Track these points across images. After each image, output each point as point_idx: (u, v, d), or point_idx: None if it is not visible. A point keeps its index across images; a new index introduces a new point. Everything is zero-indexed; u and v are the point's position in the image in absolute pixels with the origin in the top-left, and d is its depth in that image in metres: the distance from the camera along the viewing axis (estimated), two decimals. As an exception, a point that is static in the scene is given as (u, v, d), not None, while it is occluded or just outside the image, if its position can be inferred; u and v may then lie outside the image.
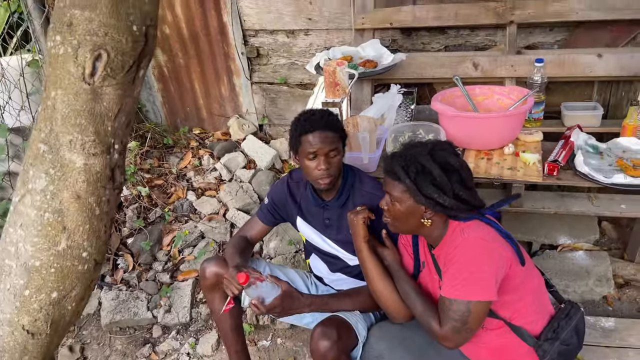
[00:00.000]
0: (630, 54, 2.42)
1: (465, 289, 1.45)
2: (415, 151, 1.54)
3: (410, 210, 1.54)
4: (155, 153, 3.33)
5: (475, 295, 1.44)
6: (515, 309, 1.56)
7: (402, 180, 1.50)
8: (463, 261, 1.47)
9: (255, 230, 2.13)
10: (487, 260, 1.46)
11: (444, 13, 2.64)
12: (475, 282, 1.45)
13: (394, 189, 1.54)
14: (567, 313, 1.65)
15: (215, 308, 2.10)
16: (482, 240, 1.48)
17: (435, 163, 1.50)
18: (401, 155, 1.55)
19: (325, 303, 1.83)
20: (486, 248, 1.47)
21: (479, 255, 1.46)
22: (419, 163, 1.50)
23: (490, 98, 2.40)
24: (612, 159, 2.08)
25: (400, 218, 1.58)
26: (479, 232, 1.50)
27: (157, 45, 3.39)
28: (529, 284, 1.58)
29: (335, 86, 2.17)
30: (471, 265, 1.45)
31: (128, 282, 2.85)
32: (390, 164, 1.55)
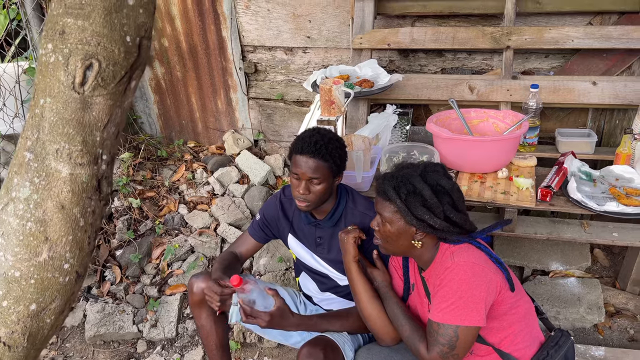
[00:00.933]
0: (624, 82, 2.44)
1: (453, 314, 1.43)
2: (407, 172, 1.54)
3: (400, 231, 1.53)
4: (149, 165, 3.31)
5: (463, 320, 1.42)
6: (504, 335, 1.54)
7: (393, 200, 1.50)
8: (452, 285, 1.45)
9: (245, 247, 2.11)
10: (476, 285, 1.44)
11: (442, 36, 2.65)
12: (464, 306, 1.43)
13: (384, 210, 1.53)
14: (556, 341, 1.63)
15: (202, 324, 2.07)
16: (473, 265, 1.46)
17: (427, 184, 1.50)
18: (393, 175, 1.54)
19: (314, 323, 1.80)
20: (476, 272, 1.45)
21: (468, 279, 1.44)
22: (410, 184, 1.50)
23: (486, 122, 2.41)
24: (605, 186, 2.08)
25: (390, 239, 1.56)
26: (470, 256, 1.49)
27: (155, 57, 3.40)
28: (519, 310, 1.56)
29: (331, 104, 2.17)
30: (460, 290, 1.44)
31: (115, 294, 2.80)
32: (382, 184, 1.54)
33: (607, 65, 2.63)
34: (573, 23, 2.65)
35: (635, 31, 2.42)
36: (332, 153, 1.76)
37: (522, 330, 1.57)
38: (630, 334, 2.48)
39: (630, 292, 2.61)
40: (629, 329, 2.50)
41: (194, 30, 3.24)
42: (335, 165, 1.78)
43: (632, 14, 2.55)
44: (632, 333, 2.48)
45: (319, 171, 1.74)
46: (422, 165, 1.57)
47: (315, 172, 1.74)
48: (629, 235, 2.08)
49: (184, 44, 3.30)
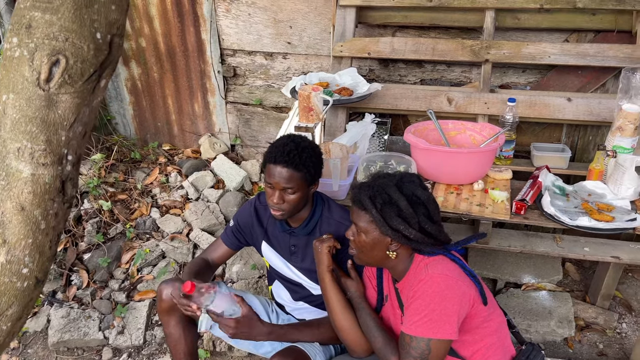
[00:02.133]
0: (599, 100, 2.48)
1: (426, 326, 1.41)
2: (383, 182, 1.52)
3: (375, 241, 1.51)
4: (122, 167, 3.24)
5: (436, 334, 1.41)
6: (476, 349, 1.53)
7: (369, 210, 1.48)
8: (426, 297, 1.43)
9: (218, 253, 2.06)
10: (450, 298, 1.42)
11: (422, 47, 2.66)
12: (437, 319, 1.41)
13: (360, 219, 1.51)
14: (527, 355, 1.64)
15: (170, 331, 2.02)
16: (446, 277, 1.45)
17: (403, 195, 1.48)
18: (369, 185, 1.53)
19: (285, 333, 1.77)
20: (450, 285, 1.44)
21: (442, 292, 1.43)
22: (386, 194, 1.48)
23: (463, 133, 2.41)
24: (577, 201, 2.10)
25: (365, 249, 1.54)
26: (443, 268, 1.47)
27: (132, 57, 3.33)
28: (491, 324, 1.55)
29: (310, 111, 2.15)
30: (434, 303, 1.42)
31: (81, 299, 2.72)
32: (358, 194, 1.52)
33: (582, 82, 2.67)
34: (550, 39, 2.69)
35: (610, 49, 2.46)
36: (306, 162, 1.72)
37: (494, 344, 1.56)
38: (600, 348, 2.50)
39: (600, 307, 2.65)
40: (598, 343, 2.53)
41: (172, 32, 3.19)
42: (310, 174, 1.75)
43: (607, 32, 2.60)
44: (601, 347, 2.51)
45: (293, 181, 1.71)
46: (398, 175, 1.55)
47: (288, 182, 1.71)
48: (599, 250, 2.10)
49: (162, 45, 3.25)
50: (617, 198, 2.08)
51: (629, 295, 2.77)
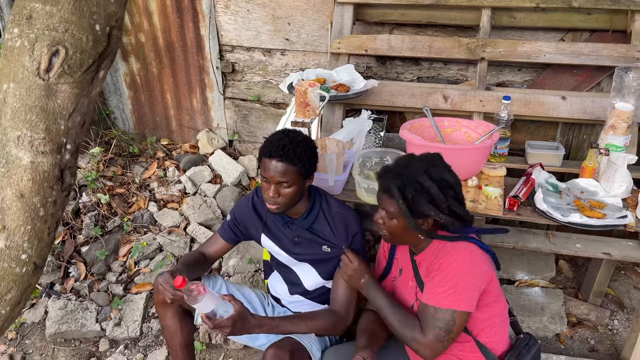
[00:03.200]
0: (593, 98, 2.51)
1: (451, 298, 1.45)
2: (412, 170, 1.52)
3: (407, 225, 1.54)
4: (120, 161, 3.26)
5: (460, 305, 1.45)
6: (483, 327, 1.58)
7: (397, 199, 1.50)
8: (451, 270, 1.48)
9: (214, 247, 2.09)
10: (474, 272, 1.48)
11: (418, 44, 2.69)
12: (462, 292, 1.46)
13: (390, 206, 1.54)
14: (527, 342, 1.71)
15: (166, 324, 2.04)
16: (471, 252, 1.51)
17: (433, 181, 1.50)
18: (398, 173, 1.52)
19: (277, 325, 1.79)
20: (474, 260, 1.50)
21: (467, 266, 1.48)
22: (417, 182, 1.49)
23: (458, 131, 2.43)
24: (570, 198, 2.13)
25: (397, 232, 1.58)
26: (468, 244, 1.54)
27: (131, 52, 3.35)
28: (499, 305, 1.62)
29: (306, 106, 2.17)
30: (458, 276, 1.47)
31: (78, 291, 2.74)
32: (387, 183, 1.53)
33: (577, 81, 2.69)
34: (546, 38, 2.72)
35: (605, 49, 2.49)
36: (301, 156, 1.75)
37: (499, 325, 1.63)
38: (591, 344, 2.53)
39: (592, 304, 2.67)
40: (589, 339, 2.56)
41: (171, 27, 3.21)
42: (304, 168, 1.77)
43: (602, 32, 2.62)
44: (592, 343, 2.53)
45: (288, 175, 1.74)
46: (424, 161, 1.56)
47: (283, 176, 1.73)
48: (591, 247, 2.13)
49: (161, 40, 3.26)
50: (609, 195, 2.11)
51: (621, 293, 2.80)
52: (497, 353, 1.62)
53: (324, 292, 2.07)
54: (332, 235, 1.90)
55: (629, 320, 2.63)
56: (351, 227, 1.88)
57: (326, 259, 1.93)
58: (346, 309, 1.90)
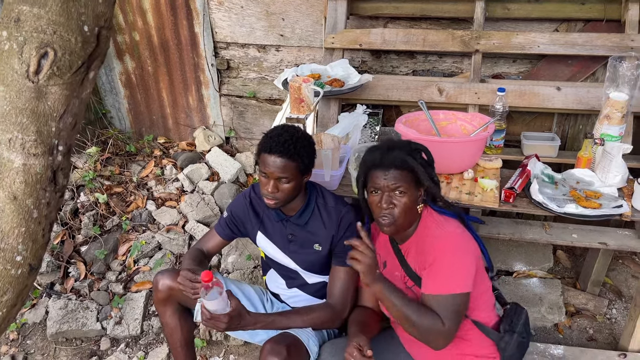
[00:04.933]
0: (587, 89, 2.51)
1: (456, 282, 1.49)
2: (402, 142, 1.65)
3: (413, 198, 1.58)
4: (117, 160, 3.26)
5: (463, 288, 1.49)
6: (476, 305, 1.61)
7: (413, 166, 1.55)
8: (447, 253, 1.51)
9: (211, 244, 2.09)
10: (469, 253, 1.54)
11: (413, 38, 2.68)
12: (464, 274, 1.50)
13: (404, 180, 1.55)
14: (515, 311, 1.77)
15: (166, 321, 2.05)
16: (462, 233, 1.57)
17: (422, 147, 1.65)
18: (399, 147, 1.60)
19: (272, 321, 1.79)
20: (466, 241, 1.56)
21: (462, 247, 1.53)
22: (417, 149, 1.61)
23: (454, 123, 2.43)
24: (566, 189, 2.13)
25: (407, 211, 1.58)
26: (456, 226, 1.59)
27: (126, 51, 3.34)
28: (486, 282, 1.66)
29: (301, 102, 2.17)
30: (455, 257, 1.51)
31: (79, 291, 2.75)
32: (395, 156, 1.56)
33: (572, 71, 2.69)
34: (540, 29, 2.71)
35: (599, 39, 2.48)
36: (300, 152, 1.76)
37: (488, 301, 1.68)
38: (590, 333, 2.54)
39: (590, 293, 2.69)
40: (588, 328, 2.57)
41: (165, 25, 3.20)
42: (304, 164, 1.78)
43: (596, 21, 2.62)
44: (591, 333, 2.55)
45: (288, 170, 1.74)
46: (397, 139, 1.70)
47: (283, 171, 1.73)
48: (587, 237, 2.14)
49: (156, 38, 3.26)
50: (605, 185, 2.11)
51: (619, 282, 2.81)
52: (490, 326, 1.67)
53: (323, 287, 2.07)
54: (323, 230, 1.90)
55: (627, 309, 2.64)
56: (345, 218, 1.88)
57: (317, 258, 1.94)
58: (343, 302, 1.91)
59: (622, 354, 2.22)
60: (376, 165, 1.57)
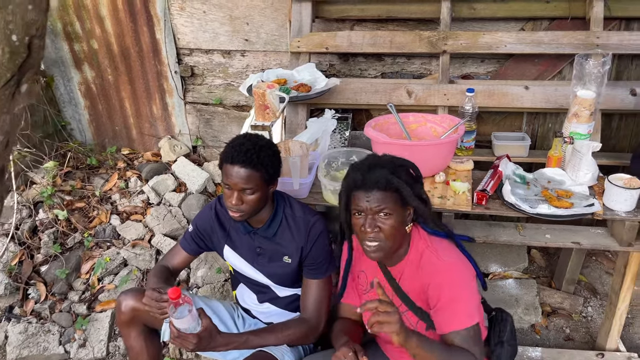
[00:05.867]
0: (555, 87, 2.50)
1: (474, 313, 1.46)
2: (387, 158, 1.55)
3: (401, 219, 1.50)
4: (79, 174, 3.13)
5: (479, 316, 1.48)
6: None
7: (396, 185, 1.46)
8: (459, 287, 1.47)
9: (177, 260, 2.00)
10: (472, 280, 1.52)
11: (379, 40, 2.64)
12: (476, 304, 1.49)
13: (388, 202, 1.46)
14: (500, 317, 1.76)
15: (131, 344, 1.95)
16: (464, 262, 1.54)
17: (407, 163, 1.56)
18: (381, 166, 1.50)
19: (245, 341, 1.72)
20: (467, 269, 1.53)
21: (467, 277, 1.51)
22: (401, 165, 1.52)
23: (424, 126, 2.40)
24: (538, 189, 2.11)
25: (394, 233, 1.49)
26: (453, 252, 1.55)
27: (84, 60, 3.22)
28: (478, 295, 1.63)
29: (265, 109, 2.10)
30: (467, 289, 1.48)
31: (39, 313, 2.61)
32: (376, 178, 1.46)
33: (539, 70, 2.69)
34: (506, 28, 2.70)
35: (565, 37, 2.48)
36: (264, 161, 1.69)
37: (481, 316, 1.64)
38: (566, 333, 2.53)
39: (565, 292, 2.68)
40: (564, 327, 2.56)
41: (125, 32, 3.09)
42: (268, 173, 1.71)
43: (561, 20, 2.62)
44: (568, 332, 2.53)
45: (252, 181, 1.67)
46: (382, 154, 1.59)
47: (247, 182, 1.66)
48: (560, 237, 2.11)
49: (115, 46, 3.14)
50: (576, 184, 2.09)
51: (593, 279, 2.81)
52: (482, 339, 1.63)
53: (295, 300, 2.01)
54: (292, 242, 1.83)
55: (603, 306, 2.64)
56: (314, 229, 1.82)
57: (287, 270, 1.87)
58: (318, 315, 1.85)
59: (600, 354, 2.21)
60: (358, 187, 1.48)
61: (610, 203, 1.98)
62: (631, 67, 2.63)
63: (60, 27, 3.13)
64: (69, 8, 3.07)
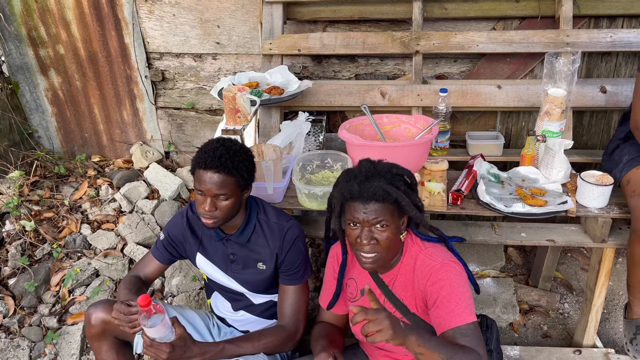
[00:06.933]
0: (527, 86, 2.51)
1: (470, 311, 1.43)
2: (382, 167, 1.50)
3: (397, 229, 1.47)
4: (47, 183, 3.03)
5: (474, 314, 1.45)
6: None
7: (395, 195, 1.42)
8: (455, 286, 1.45)
9: (149, 269, 1.95)
10: (466, 281, 1.50)
11: (352, 41, 2.62)
12: (471, 303, 1.45)
13: (385, 213, 1.42)
14: (486, 324, 1.73)
15: (102, 358, 1.89)
16: (457, 263, 1.51)
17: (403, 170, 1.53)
18: (378, 175, 1.45)
19: (221, 350, 1.67)
20: (463, 270, 1.51)
21: (462, 277, 1.48)
22: (398, 175, 1.48)
23: (398, 127, 2.39)
24: (512, 187, 2.11)
25: (391, 244, 1.46)
26: (448, 254, 1.53)
27: (50, 66, 3.13)
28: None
29: (236, 113, 2.05)
30: (463, 288, 1.45)
31: (8, 328, 2.52)
32: (373, 189, 1.41)
33: (511, 69, 2.70)
34: (478, 28, 2.71)
35: (535, 35, 2.49)
36: (239, 166, 1.65)
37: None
38: (544, 330, 2.54)
39: (542, 289, 2.69)
40: (542, 325, 2.57)
41: (92, 37, 3.01)
42: (243, 178, 1.67)
43: (532, 19, 2.64)
44: (545, 329, 2.55)
45: (225, 186, 1.63)
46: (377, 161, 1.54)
47: (221, 188, 1.62)
48: (536, 235, 2.12)
49: (83, 51, 3.06)
50: (549, 182, 2.10)
51: (569, 275, 2.83)
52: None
53: (271, 306, 1.97)
54: (266, 248, 1.80)
55: (579, 302, 2.67)
56: (289, 234, 1.79)
57: (262, 277, 1.84)
58: (295, 322, 1.82)
59: (577, 351, 2.22)
60: (354, 197, 1.43)
61: (583, 200, 1.99)
62: (601, 64, 2.66)
63: (25, 32, 3.03)
64: (33, 13, 2.97)
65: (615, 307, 2.63)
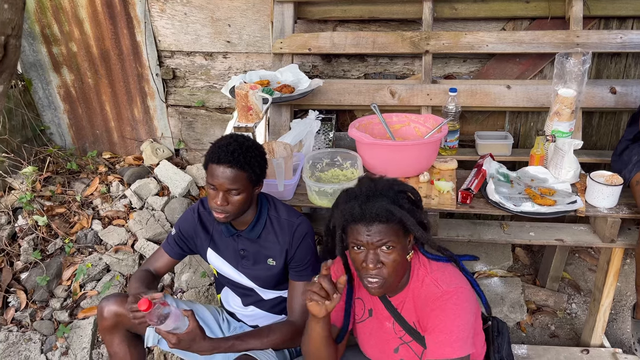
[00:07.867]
0: (536, 86, 2.52)
1: (466, 345, 1.36)
2: (384, 185, 1.43)
3: (404, 250, 1.39)
4: (59, 179, 3.06)
5: (467, 350, 1.36)
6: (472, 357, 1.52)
7: (400, 216, 1.35)
8: (458, 315, 1.37)
9: (160, 264, 1.97)
10: (471, 311, 1.40)
11: (362, 40, 2.64)
12: (466, 337, 1.36)
13: (391, 235, 1.35)
14: (497, 329, 1.68)
15: (114, 351, 1.92)
16: (461, 290, 1.41)
17: (406, 187, 1.47)
18: (380, 195, 1.38)
19: (231, 345, 1.69)
20: (466, 298, 1.40)
21: (468, 306, 1.39)
22: (401, 192, 1.42)
23: (407, 126, 2.40)
24: (521, 187, 2.12)
25: (398, 267, 1.38)
26: (460, 279, 1.44)
27: (63, 63, 3.16)
28: (480, 333, 1.58)
29: (249, 110, 2.08)
30: (464, 319, 1.37)
31: (20, 322, 2.56)
32: (379, 208, 1.34)
33: (521, 69, 2.71)
34: (487, 28, 2.72)
35: (545, 36, 2.50)
36: (251, 162, 1.67)
37: (480, 333, 1.60)
38: (551, 329, 2.55)
39: (549, 289, 2.70)
40: (549, 324, 2.57)
41: (105, 35, 3.04)
42: (255, 174, 1.69)
43: (542, 19, 2.64)
44: (552, 329, 2.55)
45: (238, 181, 1.65)
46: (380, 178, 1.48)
47: (233, 183, 1.64)
48: (544, 234, 2.13)
49: (95, 49, 3.09)
50: (558, 182, 2.11)
51: (577, 276, 2.84)
52: (482, 356, 1.59)
53: (281, 302, 1.99)
54: (276, 244, 1.82)
55: (586, 302, 2.67)
56: (299, 230, 1.80)
57: (272, 273, 1.85)
58: (305, 318, 1.83)
59: (585, 350, 2.22)
60: (356, 220, 1.35)
61: (593, 200, 2.00)
62: (610, 65, 2.67)
63: (38, 29, 3.07)
64: (46, 10, 3.01)
65: (623, 308, 2.63)
